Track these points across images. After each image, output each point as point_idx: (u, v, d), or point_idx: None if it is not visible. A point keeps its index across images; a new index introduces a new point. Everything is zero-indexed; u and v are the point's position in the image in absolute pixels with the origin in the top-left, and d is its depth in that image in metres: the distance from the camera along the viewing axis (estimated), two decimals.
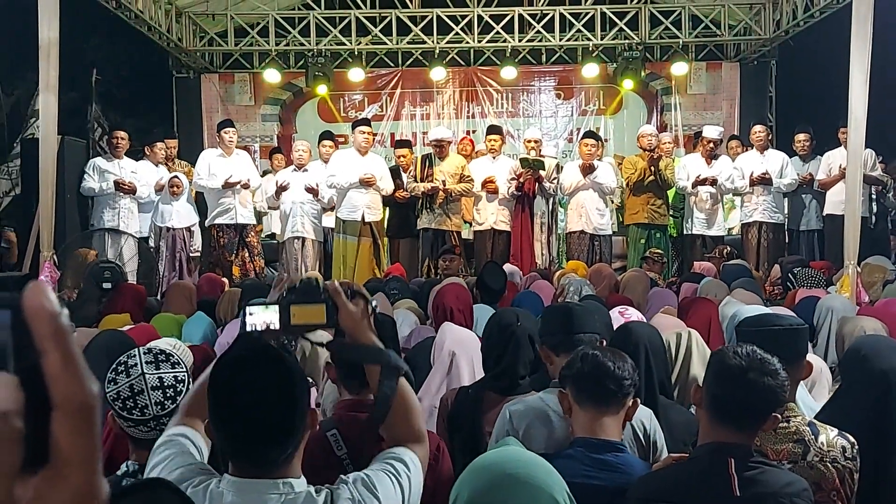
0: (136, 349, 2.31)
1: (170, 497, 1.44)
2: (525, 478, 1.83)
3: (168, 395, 2.23)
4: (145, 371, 2.22)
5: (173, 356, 2.31)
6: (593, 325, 2.98)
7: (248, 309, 1.94)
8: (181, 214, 10.02)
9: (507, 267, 7.89)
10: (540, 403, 2.76)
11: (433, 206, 9.48)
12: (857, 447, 2.47)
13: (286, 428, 1.71)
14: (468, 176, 9.60)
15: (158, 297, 7.45)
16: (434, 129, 10.43)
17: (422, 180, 9.54)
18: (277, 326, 1.90)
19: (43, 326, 0.58)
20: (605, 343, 2.87)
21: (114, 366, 2.28)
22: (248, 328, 1.90)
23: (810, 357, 2.94)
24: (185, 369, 2.30)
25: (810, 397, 3.25)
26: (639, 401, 2.48)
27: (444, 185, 9.40)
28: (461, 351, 3.65)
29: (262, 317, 1.91)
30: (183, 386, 2.26)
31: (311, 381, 2.77)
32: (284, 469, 1.73)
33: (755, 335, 2.50)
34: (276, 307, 1.90)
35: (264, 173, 11.35)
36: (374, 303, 2.01)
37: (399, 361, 1.97)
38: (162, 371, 2.25)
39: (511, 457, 1.93)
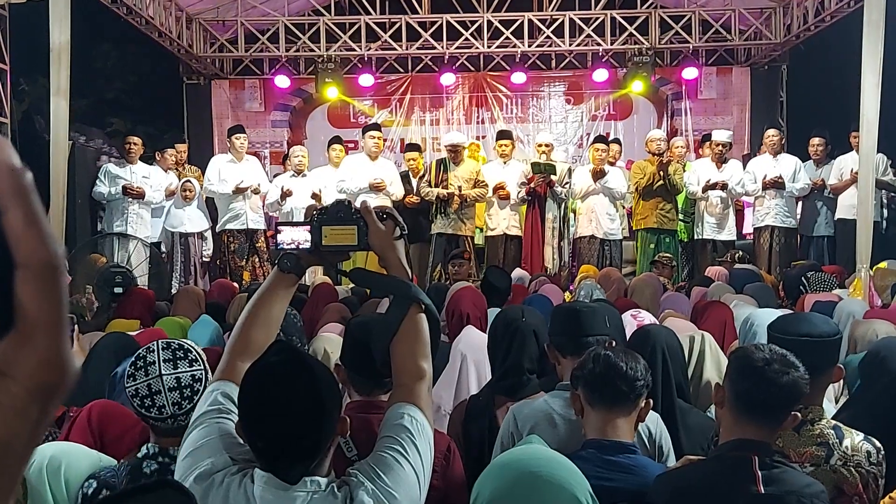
0: (156, 343, 2.30)
1: (177, 498, 1.43)
2: (548, 477, 1.80)
3: (185, 395, 2.24)
4: (163, 372, 2.24)
5: (192, 352, 2.31)
6: (602, 326, 2.93)
7: (278, 227, 1.94)
8: (193, 220, 10.04)
9: (517, 272, 7.87)
10: (545, 406, 2.73)
11: (448, 212, 9.46)
12: (882, 452, 2.45)
13: (313, 442, 1.70)
14: (483, 181, 9.57)
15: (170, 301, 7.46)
16: (449, 134, 10.34)
17: (436, 185, 9.52)
18: (308, 246, 1.89)
19: (3, 183, 0.56)
20: (613, 344, 2.84)
21: (133, 360, 2.29)
22: (279, 244, 1.90)
23: None
24: (202, 366, 2.31)
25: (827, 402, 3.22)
26: (651, 402, 2.46)
27: (460, 191, 9.37)
28: (471, 354, 3.63)
29: (293, 234, 1.90)
30: (200, 385, 2.27)
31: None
32: (313, 471, 1.72)
33: (790, 343, 2.45)
34: (307, 227, 1.89)
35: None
36: (404, 227, 1.99)
37: (419, 293, 1.93)
38: (179, 370, 2.26)
39: (534, 455, 1.91)
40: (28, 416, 0.57)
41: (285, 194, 9.87)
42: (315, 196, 9.75)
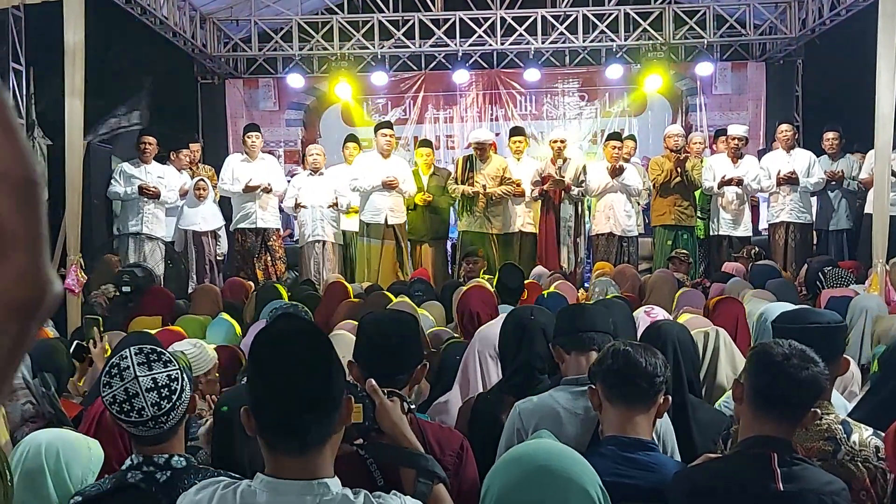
0: (127, 350, 2.30)
1: (144, 501, 1.44)
2: (558, 471, 1.79)
3: (163, 394, 2.22)
4: (138, 374, 2.22)
5: (164, 355, 2.30)
6: (604, 323, 2.94)
7: None
8: (206, 218, 10.06)
9: (536, 269, 7.86)
10: (550, 401, 2.72)
11: (474, 210, 9.43)
12: None
13: (322, 396, 1.69)
14: (509, 178, 9.53)
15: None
16: (475, 132, 10.25)
17: (462, 183, 9.50)
18: None
19: None
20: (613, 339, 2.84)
21: (107, 368, 2.28)
22: None
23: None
24: (177, 367, 2.29)
25: (840, 396, 3.19)
26: (669, 399, 2.44)
27: (485, 189, 9.34)
28: (484, 347, 3.61)
29: None
30: (177, 384, 2.25)
31: None
32: (318, 460, 1.69)
33: (793, 332, 2.45)
34: None
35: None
36: (410, 403, 2.04)
37: (435, 466, 1.99)
38: (154, 371, 2.24)
39: (544, 449, 1.90)
40: (7, 333, 0.55)
41: (299, 205, 10.03)
42: (332, 205, 9.90)
